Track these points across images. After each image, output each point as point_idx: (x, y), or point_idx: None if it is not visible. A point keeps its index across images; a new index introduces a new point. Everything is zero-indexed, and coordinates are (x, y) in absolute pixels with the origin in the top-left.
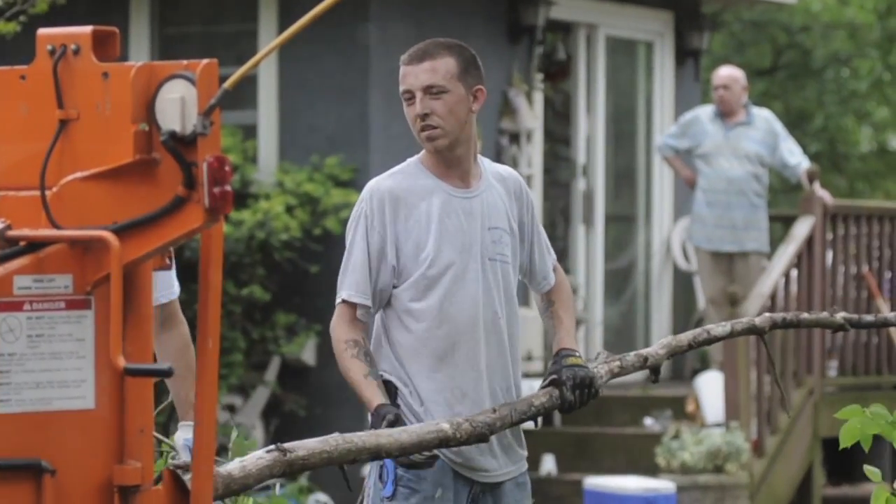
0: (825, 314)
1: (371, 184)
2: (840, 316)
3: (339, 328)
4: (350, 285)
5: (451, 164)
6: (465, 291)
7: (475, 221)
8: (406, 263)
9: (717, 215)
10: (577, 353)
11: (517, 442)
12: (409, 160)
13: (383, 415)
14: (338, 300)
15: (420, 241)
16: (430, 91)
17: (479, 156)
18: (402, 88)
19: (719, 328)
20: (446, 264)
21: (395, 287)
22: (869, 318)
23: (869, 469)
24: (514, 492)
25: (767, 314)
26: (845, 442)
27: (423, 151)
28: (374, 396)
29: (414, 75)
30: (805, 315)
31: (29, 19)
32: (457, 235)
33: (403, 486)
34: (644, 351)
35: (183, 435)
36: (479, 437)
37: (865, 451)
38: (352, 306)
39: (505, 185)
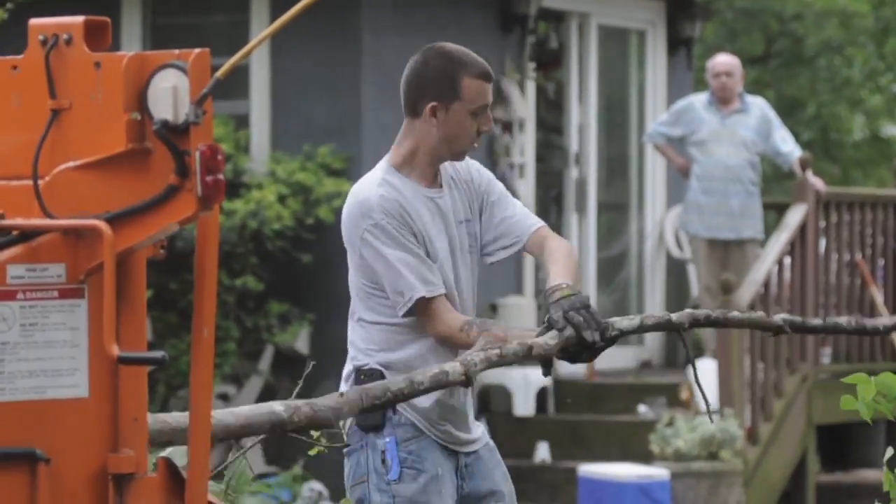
0: (760, 314)
1: (369, 198)
2: (780, 318)
3: (445, 322)
4: (417, 283)
5: (435, 170)
6: (460, 281)
7: (450, 218)
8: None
9: (714, 203)
10: (565, 284)
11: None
12: (383, 167)
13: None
14: (408, 305)
15: (420, 241)
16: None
17: None
18: (481, 103)
19: (626, 321)
20: (443, 259)
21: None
22: (815, 321)
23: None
24: (490, 455)
25: (688, 310)
26: (847, 406)
27: (389, 155)
28: (528, 333)
29: (488, 93)
30: (735, 313)
31: (16, 7)
32: (440, 233)
33: (409, 467)
34: (532, 339)
35: None
36: (321, 422)
37: (869, 421)
38: (434, 300)
39: (461, 176)
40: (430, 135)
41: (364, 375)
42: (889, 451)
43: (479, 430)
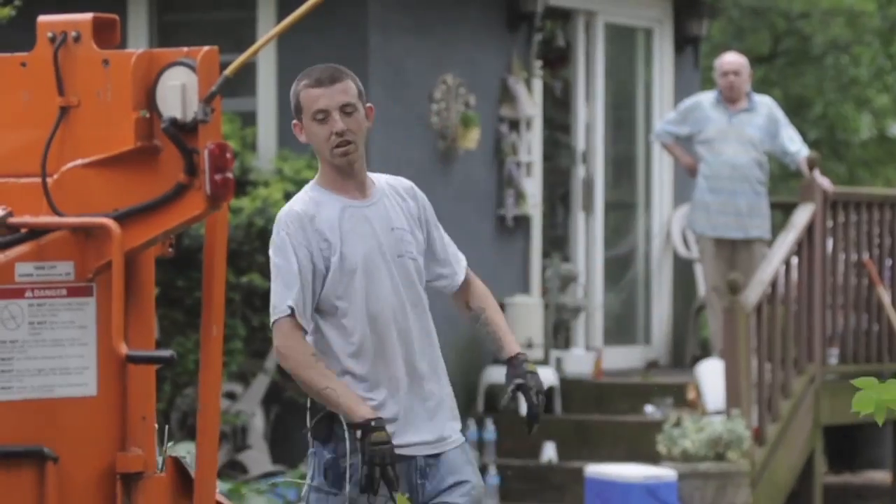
0: None
1: (282, 212)
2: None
3: (297, 343)
4: (287, 301)
5: (350, 178)
6: (382, 290)
7: (377, 225)
8: (327, 272)
9: (722, 202)
10: (527, 357)
11: (451, 415)
12: (306, 187)
13: (379, 427)
14: (276, 317)
15: (334, 250)
16: (345, 110)
17: (376, 175)
18: (315, 109)
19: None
20: (358, 267)
21: (320, 294)
22: None
23: None
24: (460, 454)
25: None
26: (858, 407)
27: (317, 176)
28: (364, 406)
29: (328, 96)
30: None
31: (24, 4)
32: (363, 240)
33: (346, 479)
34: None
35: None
36: None
37: (879, 423)
38: (293, 319)
39: (397, 190)
40: (315, 150)
41: None
42: None
43: (444, 432)
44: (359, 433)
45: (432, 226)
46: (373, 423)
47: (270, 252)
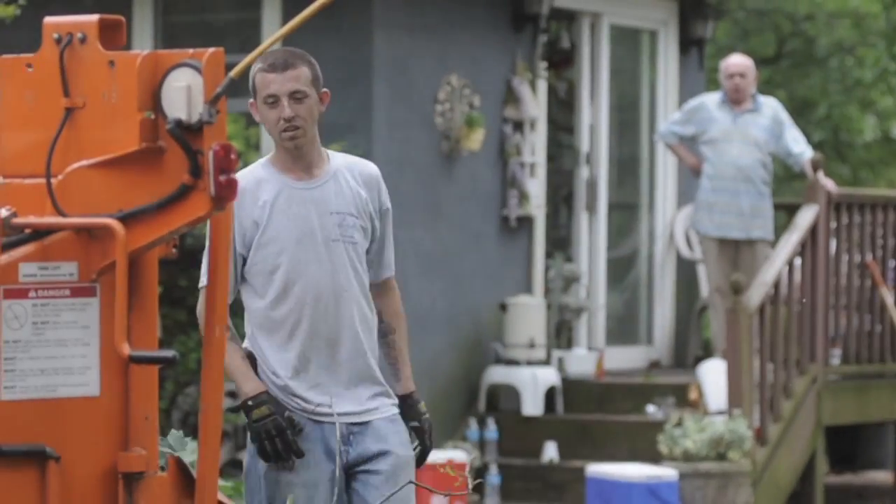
0: None
1: None
2: None
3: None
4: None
5: (299, 160)
6: (307, 271)
7: (317, 208)
8: (254, 249)
9: (725, 202)
10: (420, 398)
11: (373, 384)
12: (257, 162)
13: (258, 404)
14: (201, 284)
15: (263, 228)
16: (295, 96)
17: (328, 150)
18: (265, 93)
19: None
20: (287, 247)
21: (244, 269)
22: None
23: None
24: (389, 425)
25: None
26: None
27: (271, 154)
28: (249, 382)
29: (279, 82)
30: None
31: (28, 3)
32: (296, 221)
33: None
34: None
35: None
36: None
37: None
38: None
39: (354, 175)
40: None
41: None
42: None
43: (370, 404)
44: (243, 412)
45: (383, 221)
46: (250, 403)
47: None
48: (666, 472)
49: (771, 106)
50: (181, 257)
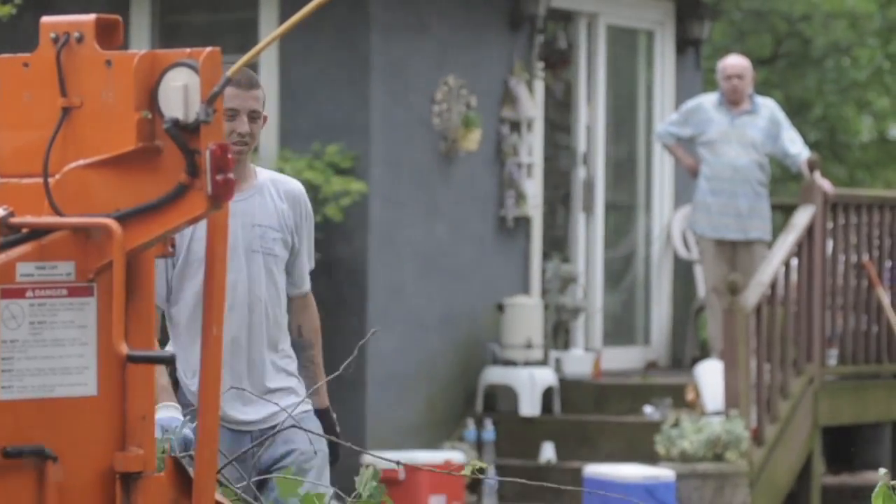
0: None
1: None
2: None
3: None
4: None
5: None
6: (241, 277)
7: (241, 220)
8: (175, 262)
9: (722, 203)
10: (333, 413)
11: (283, 390)
12: None
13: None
14: None
15: (186, 237)
16: (252, 115)
17: (255, 166)
18: (227, 106)
19: None
20: (203, 258)
21: (171, 281)
22: None
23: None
24: (295, 428)
25: None
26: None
27: None
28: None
29: (242, 99)
30: None
31: (24, 2)
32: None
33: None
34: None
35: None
36: None
37: None
38: None
39: (281, 192)
40: None
41: None
42: (881, 471)
43: (283, 403)
44: None
45: (304, 237)
46: None
47: None
48: (663, 473)
49: (768, 107)
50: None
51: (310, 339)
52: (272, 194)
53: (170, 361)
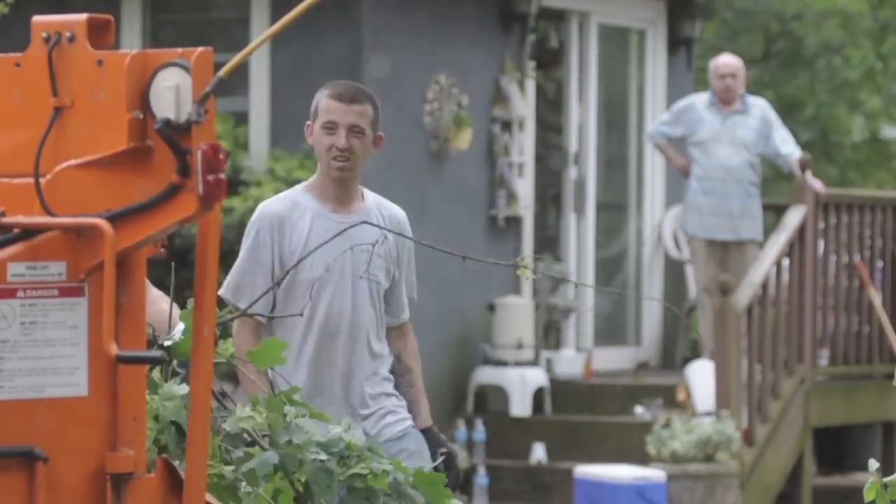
0: None
1: (264, 206)
2: None
3: (242, 339)
4: (247, 297)
5: (339, 192)
6: (334, 304)
7: (346, 242)
8: (284, 278)
9: (714, 203)
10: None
11: (384, 409)
12: (297, 186)
13: None
14: (235, 307)
15: (297, 255)
16: (353, 130)
17: (363, 189)
18: (326, 119)
19: None
20: (316, 278)
21: (274, 297)
22: None
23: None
24: (396, 444)
25: None
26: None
27: (311, 179)
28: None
29: (342, 112)
30: None
31: (18, 3)
32: (331, 254)
33: None
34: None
35: None
36: None
37: None
38: (250, 319)
39: (384, 216)
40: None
41: None
42: (872, 464)
43: (381, 422)
44: None
45: (404, 266)
46: None
47: (245, 235)
48: (654, 474)
49: (760, 107)
50: (170, 257)
51: (409, 364)
52: (379, 220)
53: (160, 362)
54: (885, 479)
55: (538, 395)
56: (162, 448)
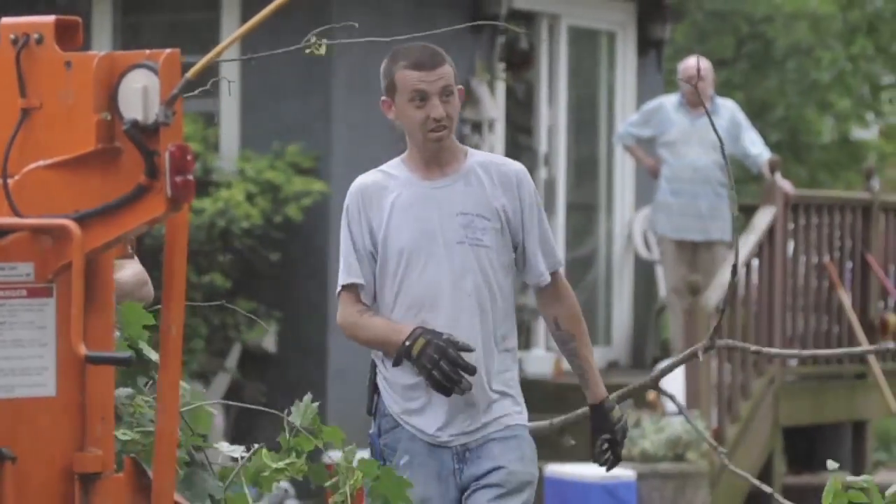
0: None
1: (356, 180)
2: None
3: (346, 311)
4: (344, 272)
5: (435, 159)
6: (424, 275)
7: (442, 208)
8: (378, 249)
9: (683, 204)
10: (615, 406)
11: (491, 398)
12: (394, 159)
13: (413, 339)
14: (337, 290)
15: (383, 227)
16: (444, 94)
17: (468, 148)
18: (413, 90)
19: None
20: (405, 248)
21: (374, 274)
22: None
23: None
24: (505, 441)
25: None
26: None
27: (404, 153)
28: (398, 332)
29: (429, 81)
30: None
31: None
32: (416, 222)
33: (385, 457)
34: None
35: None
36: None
37: None
38: (352, 290)
39: (491, 175)
40: (404, 128)
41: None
42: (830, 464)
43: (488, 417)
44: (406, 358)
45: (526, 222)
46: (406, 343)
47: (342, 220)
48: (623, 473)
49: (729, 108)
50: (140, 258)
51: (569, 329)
52: (481, 178)
53: (128, 362)
54: (850, 479)
55: None
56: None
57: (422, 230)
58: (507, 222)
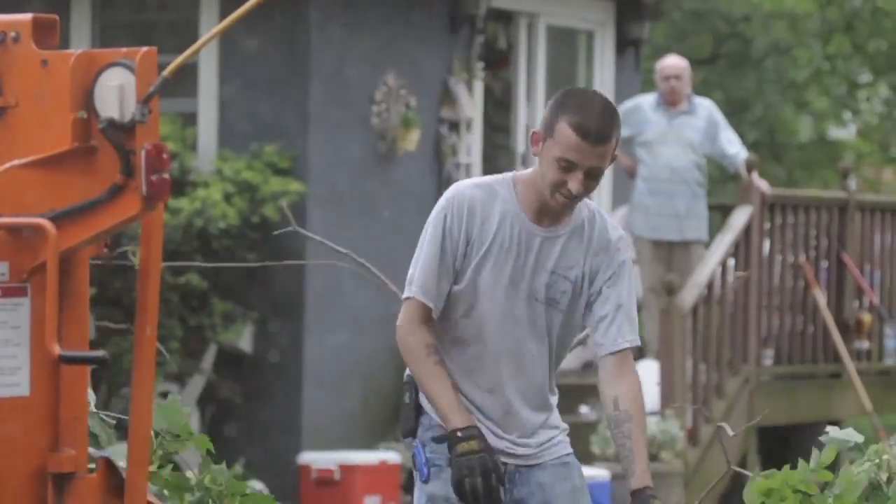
0: None
1: (460, 186)
2: None
3: (417, 330)
4: (420, 283)
5: (536, 201)
6: (495, 319)
7: (538, 261)
8: (463, 266)
9: (660, 204)
10: (656, 495)
11: (543, 428)
12: (504, 177)
13: (468, 437)
14: (406, 294)
15: (478, 254)
16: (591, 173)
17: (588, 203)
18: (563, 154)
19: None
20: (489, 285)
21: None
22: None
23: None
24: (557, 471)
25: None
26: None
27: (525, 176)
28: (459, 414)
29: (586, 155)
30: None
31: None
32: (508, 265)
33: (433, 465)
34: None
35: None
36: None
37: None
38: (422, 307)
39: (595, 237)
40: (537, 163)
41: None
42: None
43: (539, 443)
44: (448, 444)
45: (605, 287)
46: (459, 434)
47: (430, 218)
48: (598, 473)
49: (706, 107)
50: (116, 258)
51: (627, 411)
52: (582, 238)
53: (102, 362)
54: (764, 473)
55: None
56: None
57: (511, 275)
58: (586, 283)
